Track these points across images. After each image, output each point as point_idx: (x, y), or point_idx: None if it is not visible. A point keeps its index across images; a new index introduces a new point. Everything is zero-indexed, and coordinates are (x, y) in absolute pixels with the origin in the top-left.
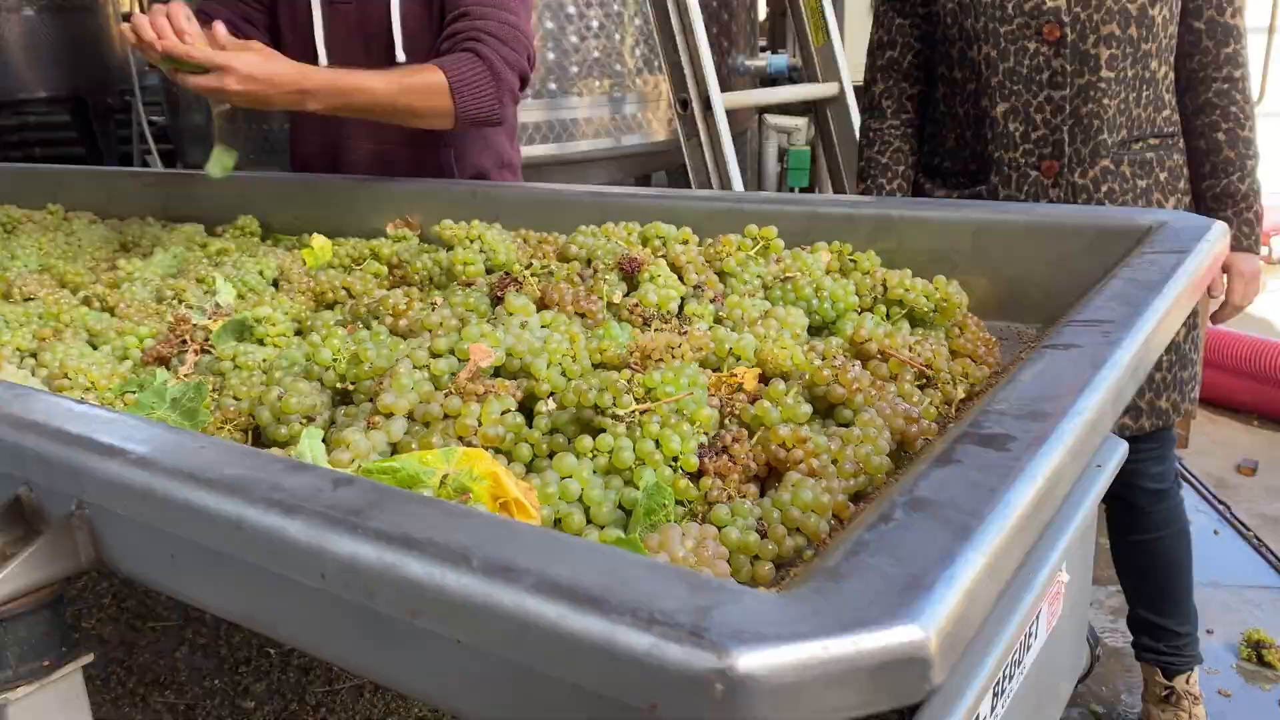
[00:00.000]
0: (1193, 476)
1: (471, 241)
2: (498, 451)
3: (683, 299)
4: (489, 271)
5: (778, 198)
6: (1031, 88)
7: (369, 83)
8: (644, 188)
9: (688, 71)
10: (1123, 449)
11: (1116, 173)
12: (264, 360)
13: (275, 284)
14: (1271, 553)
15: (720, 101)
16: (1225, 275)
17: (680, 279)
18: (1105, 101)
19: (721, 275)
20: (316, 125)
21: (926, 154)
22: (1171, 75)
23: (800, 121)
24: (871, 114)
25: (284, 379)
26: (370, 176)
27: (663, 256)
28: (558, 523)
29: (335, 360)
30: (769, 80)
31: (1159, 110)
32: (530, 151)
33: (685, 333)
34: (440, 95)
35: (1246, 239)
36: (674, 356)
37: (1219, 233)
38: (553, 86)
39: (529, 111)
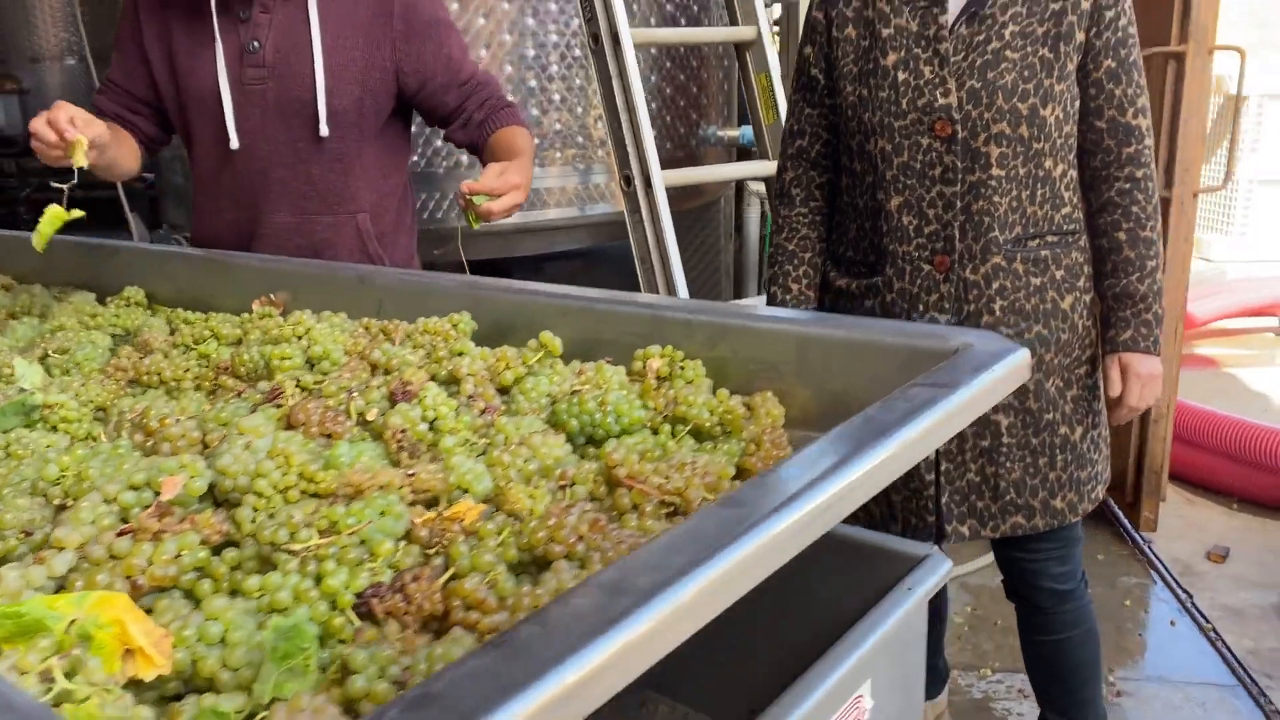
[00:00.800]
0: (1158, 562)
1: (299, 337)
2: (177, 591)
3: (457, 410)
4: (311, 366)
5: (624, 299)
6: (925, 182)
7: (527, 156)
8: (514, 281)
9: (630, 149)
10: (944, 568)
11: (1009, 270)
12: (47, 445)
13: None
14: (1227, 648)
15: (660, 179)
16: (1122, 376)
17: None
18: (996, 199)
19: (509, 388)
20: (228, 199)
21: (833, 242)
22: (1073, 173)
23: None
24: (781, 200)
25: (6, 492)
26: (269, 256)
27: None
28: (194, 664)
29: (61, 477)
30: (743, 150)
31: (1057, 208)
32: (500, 221)
33: (423, 459)
34: (530, 138)
35: (1145, 340)
36: (384, 489)
37: (1013, 361)
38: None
39: None
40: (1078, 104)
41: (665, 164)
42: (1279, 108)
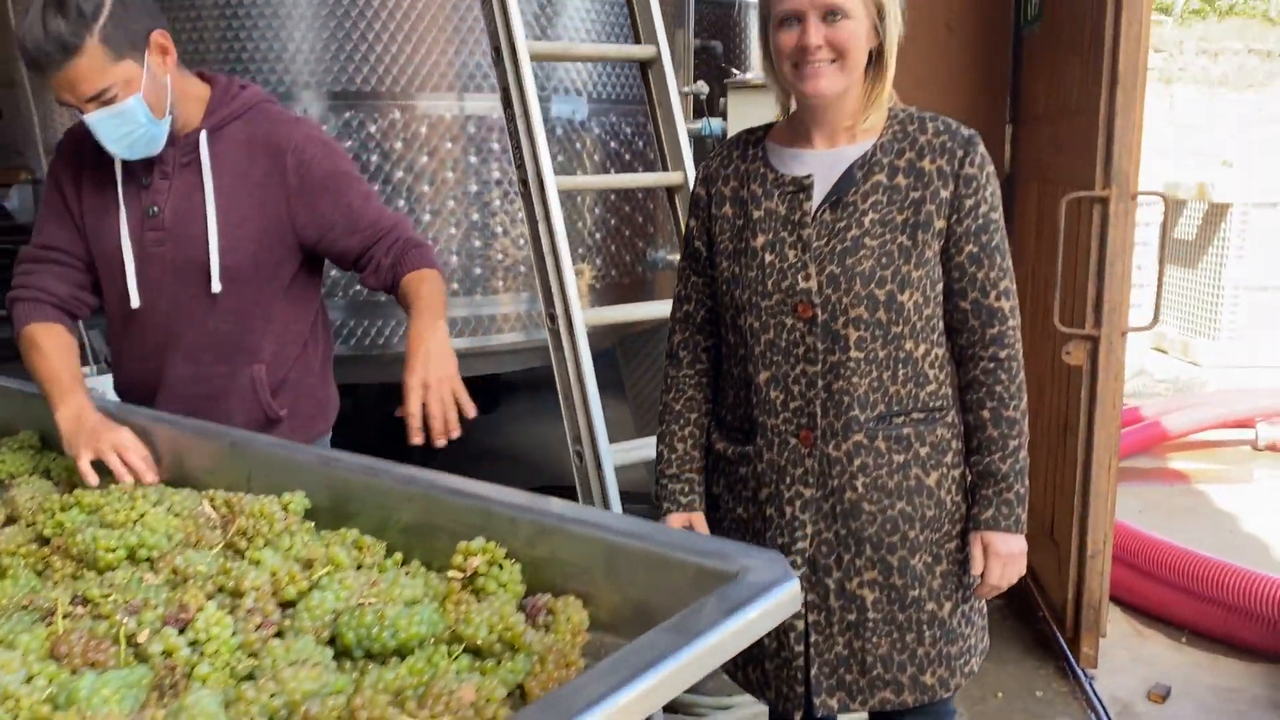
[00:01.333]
0: (1096, 701)
1: (134, 524)
2: None
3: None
4: (131, 559)
5: (462, 488)
6: (790, 359)
7: (434, 306)
8: (368, 460)
9: (554, 288)
10: None
11: (870, 447)
12: None
13: None
14: None
15: (581, 319)
16: (984, 554)
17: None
18: (855, 379)
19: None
20: (136, 352)
21: (717, 403)
22: (938, 350)
23: None
24: (670, 361)
25: None
26: (156, 414)
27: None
28: None
29: None
30: None
31: (921, 386)
32: (457, 344)
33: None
34: (441, 279)
35: (1005, 519)
36: None
37: (779, 594)
38: (471, 286)
39: (456, 308)
40: (940, 286)
41: (610, 292)
42: (1263, 215)
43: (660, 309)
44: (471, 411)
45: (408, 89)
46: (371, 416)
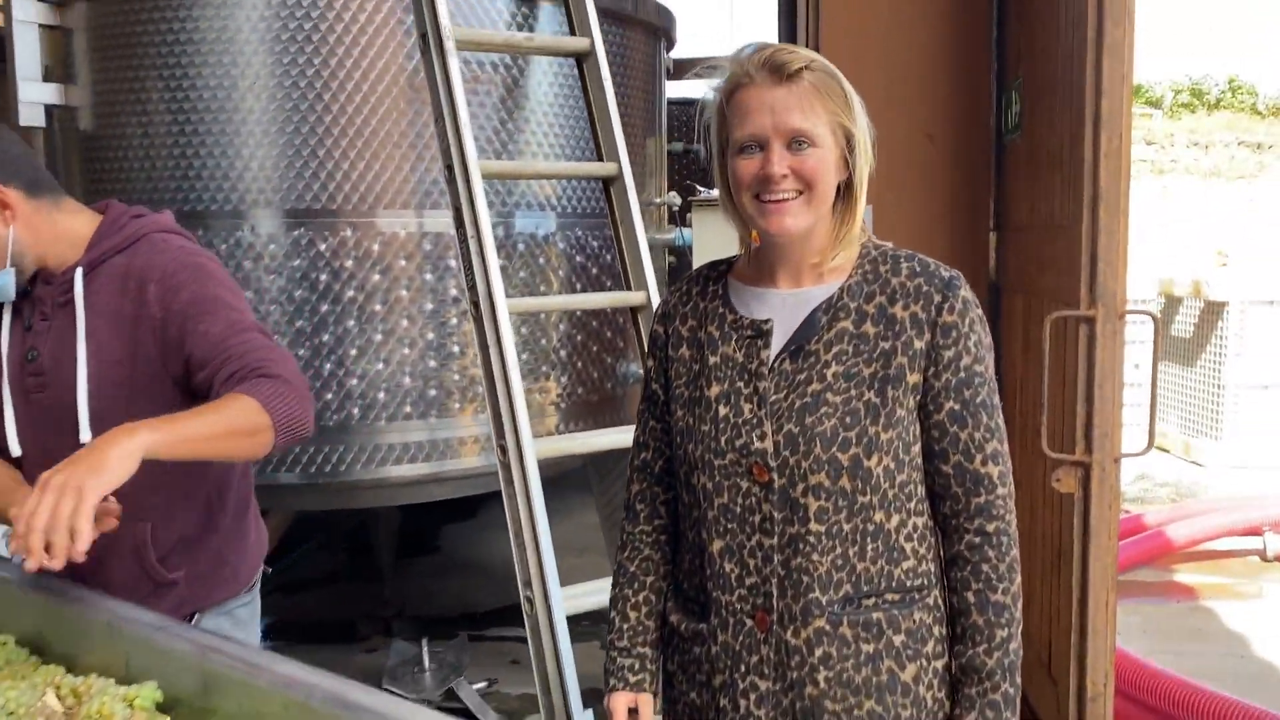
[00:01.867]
0: None
1: None
2: None
3: None
4: None
5: (349, 700)
6: (745, 528)
7: (190, 416)
8: (249, 652)
9: (505, 418)
10: None
11: (834, 635)
12: None
13: None
14: None
15: (533, 451)
16: None
17: None
18: (815, 557)
19: None
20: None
21: (675, 565)
22: (917, 520)
23: None
24: (626, 515)
25: None
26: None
27: None
28: None
29: None
30: None
31: (895, 563)
32: (415, 470)
33: None
34: (255, 412)
35: None
36: None
37: None
38: (426, 409)
39: (412, 432)
40: (917, 448)
41: (577, 410)
42: (1261, 313)
43: (624, 436)
44: (83, 545)
45: (360, 206)
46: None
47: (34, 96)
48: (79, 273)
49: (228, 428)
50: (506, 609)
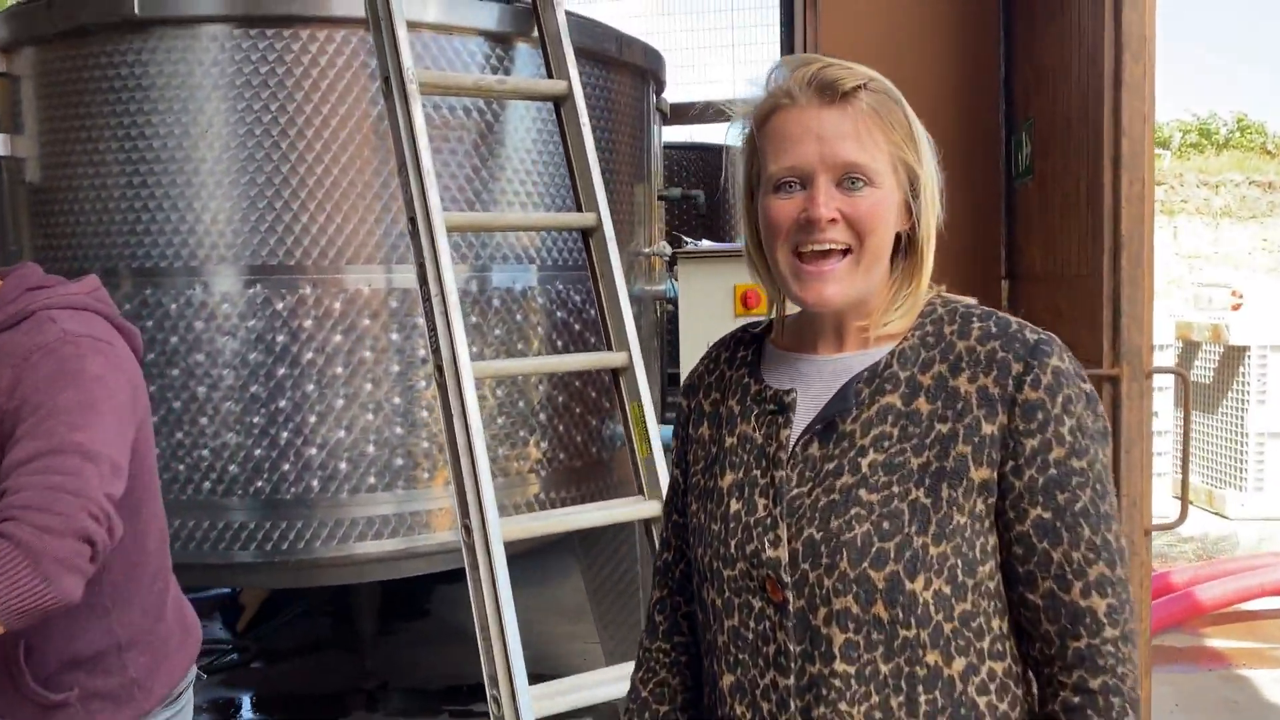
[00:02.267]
0: None
1: None
2: None
3: None
4: None
5: None
6: (758, 663)
7: None
8: None
9: (470, 495)
10: None
11: None
12: None
13: None
14: None
15: (499, 533)
16: None
17: None
18: (843, 707)
19: None
20: None
21: (704, 690)
22: (996, 667)
23: None
24: (645, 627)
25: None
26: None
27: None
28: None
29: None
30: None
31: (964, 717)
32: (382, 546)
33: None
34: None
35: None
36: None
37: None
38: (392, 480)
39: (378, 505)
40: (985, 568)
41: (559, 476)
42: None
43: (605, 513)
44: None
45: (320, 261)
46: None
47: None
48: None
49: None
50: None
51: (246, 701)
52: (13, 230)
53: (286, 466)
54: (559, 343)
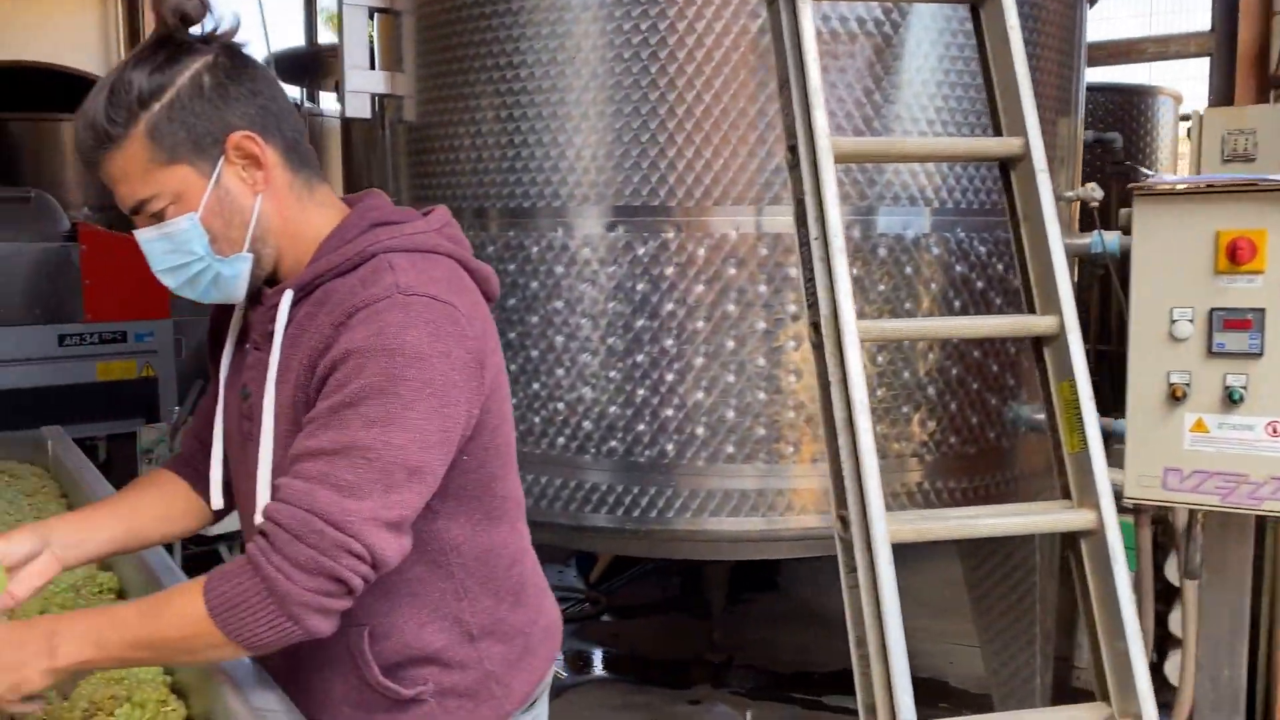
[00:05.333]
0: None
1: None
2: None
3: None
4: None
5: None
6: None
7: (119, 614)
8: None
9: (849, 481)
10: None
11: None
12: None
13: None
14: None
15: (885, 532)
16: None
17: None
18: None
19: None
20: None
21: None
22: None
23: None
24: None
25: None
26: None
27: None
28: None
29: None
30: None
31: None
32: (740, 524)
33: None
34: (199, 621)
35: None
36: None
37: None
38: (753, 452)
39: (738, 478)
40: None
41: (948, 464)
42: None
43: (1018, 520)
44: None
45: (686, 202)
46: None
47: (361, 85)
48: (286, 297)
49: (162, 639)
50: (850, 673)
51: (598, 657)
52: (391, 170)
53: (642, 427)
54: (955, 302)
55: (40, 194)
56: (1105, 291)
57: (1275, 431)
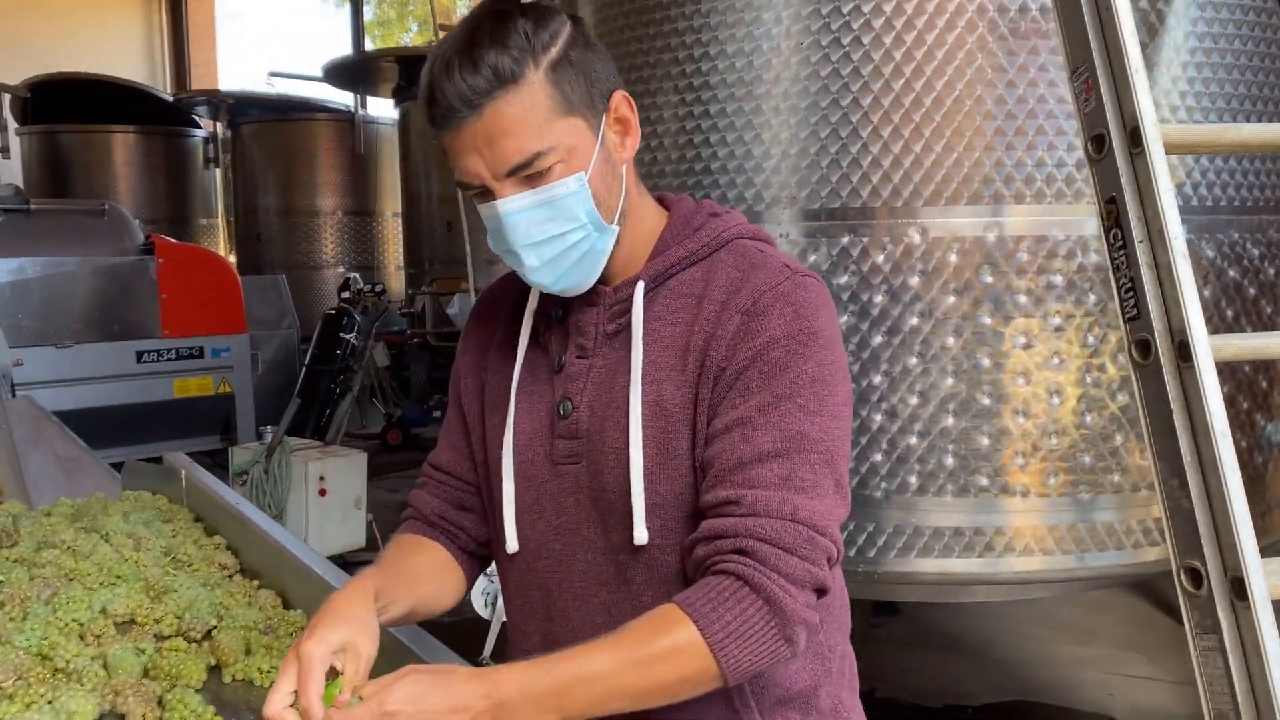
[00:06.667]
0: None
1: None
2: None
3: None
4: None
5: None
6: None
7: (589, 667)
8: None
9: (1203, 526)
10: None
11: None
12: None
13: None
14: None
15: (1265, 588)
16: None
17: None
18: None
19: None
20: (528, 616)
21: None
22: None
23: None
24: None
25: None
26: None
27: None
28: None
29: None
30: None
31: None
32: (946, 565)
33: None
34: (697, 657)
35: None
36: None
37: None
38: (982, 481)
39: (945, 513)
40: None
41: None
42: None
43: None
44: None
45: (913, 202)
46: None
47: None
48: (640, 288)
49: (659, 685)
50: (1006, 708)
51: None
52: None
53: (879, 457)
54: (1229, 313)
55: (114, 206)
56: None
57: None
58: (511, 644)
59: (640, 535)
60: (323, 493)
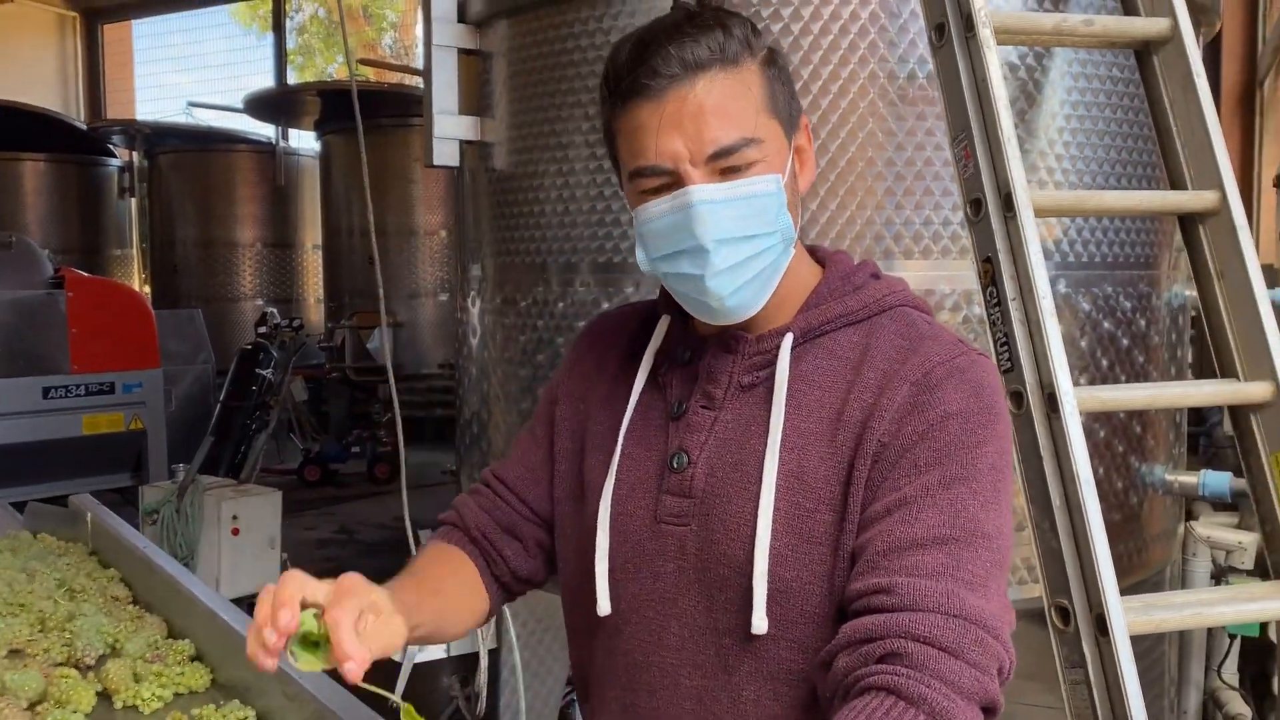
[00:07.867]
0: None
1: None
2: None
3: None
4: None
5: None
6: None
7: None
8: None
9: (1070, 565)
10: None
11: None
12: None
13: None
14: None
15: (1124, 625)
16: None
17: None
18: None
19: None
20: (604, 682)
21: None
22: None
23: (1246, 538)
24: None
25: None
26: None
27: None
28: None
29: None
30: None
31: None
32: None
33: None
34: None
35: None
36: None
37: None
38: None
39: None
40: None
41: None
42: None
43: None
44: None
45: None
46: None
47: (449, 132)
48: (788, 340)
49: None
50: None
51: None
52: (474, 224)
53: None
54: (1104, 362)
55: (21, 238)
56: None
57: None
58: (589, 707)
59: (759, 624)
60: (235, 532)
